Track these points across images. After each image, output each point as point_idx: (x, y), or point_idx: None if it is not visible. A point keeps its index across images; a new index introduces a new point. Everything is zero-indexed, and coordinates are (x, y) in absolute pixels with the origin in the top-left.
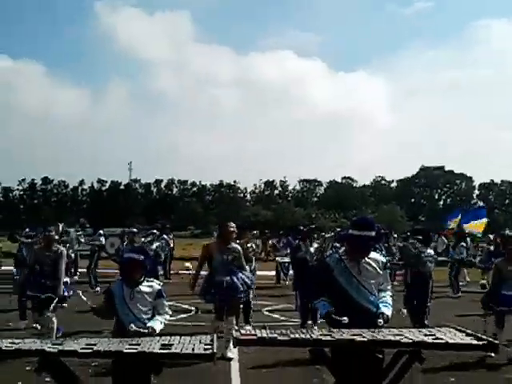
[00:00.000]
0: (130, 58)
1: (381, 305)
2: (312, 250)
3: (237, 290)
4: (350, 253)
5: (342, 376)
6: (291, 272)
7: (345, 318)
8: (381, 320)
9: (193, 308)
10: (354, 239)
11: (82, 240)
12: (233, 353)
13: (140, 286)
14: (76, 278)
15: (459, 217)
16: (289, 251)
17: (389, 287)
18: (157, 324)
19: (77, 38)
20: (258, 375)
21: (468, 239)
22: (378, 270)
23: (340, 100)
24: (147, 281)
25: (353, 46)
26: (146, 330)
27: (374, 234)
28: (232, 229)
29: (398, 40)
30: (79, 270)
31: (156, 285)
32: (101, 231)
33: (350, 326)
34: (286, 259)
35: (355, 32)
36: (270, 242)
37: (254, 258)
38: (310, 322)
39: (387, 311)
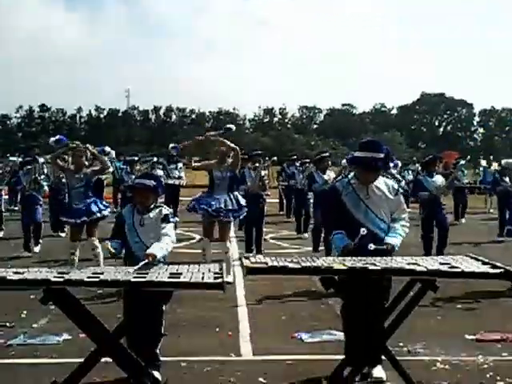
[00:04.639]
0: None
1: (389, 233)
2: (326, 177)
3: (229, 209)
4: (359, 176)
5: (349, 298)
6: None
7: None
8: (371, 244)
9: (196, 236)
10: (359, 160)
11: None
12: (230, 278)
13: (150, 213)
14: None
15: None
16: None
17: (403, 215)
18: (155, 250)
19: None
20: (264, 301)
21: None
22: (388, 194)
23: (342, 26)
24: (156, 206)
25: None
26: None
27: (381, 155)
28: (224, 149)
29: None
30: None
31: (164, 210)
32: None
33: (357, 251)
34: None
35: None
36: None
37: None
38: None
39: (392, 240)
